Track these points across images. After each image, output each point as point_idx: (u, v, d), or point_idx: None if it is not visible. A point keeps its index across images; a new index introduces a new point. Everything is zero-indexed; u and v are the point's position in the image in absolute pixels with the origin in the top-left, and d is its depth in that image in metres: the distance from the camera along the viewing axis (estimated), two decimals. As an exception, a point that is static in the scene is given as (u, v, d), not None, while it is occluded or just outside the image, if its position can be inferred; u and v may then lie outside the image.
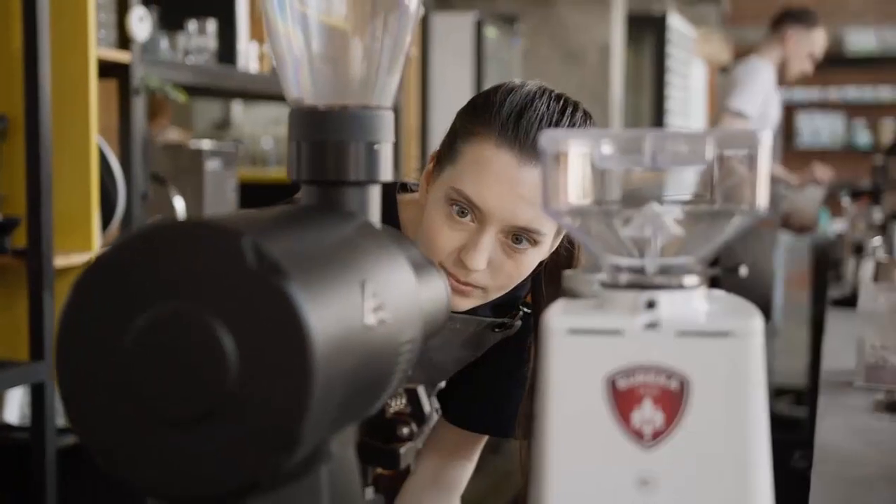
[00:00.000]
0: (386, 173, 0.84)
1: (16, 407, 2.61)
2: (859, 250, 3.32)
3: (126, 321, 0.63)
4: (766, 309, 4.52)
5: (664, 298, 0.71)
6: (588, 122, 1.32)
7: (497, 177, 1.24)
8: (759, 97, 4.33)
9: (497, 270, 1.28)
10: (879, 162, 4.22)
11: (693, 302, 0.71)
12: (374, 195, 0.84)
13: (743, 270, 0.73)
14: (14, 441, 2.55)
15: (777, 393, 5.57)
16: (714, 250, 0.73)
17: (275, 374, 0.61)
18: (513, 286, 1.31)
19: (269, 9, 0.84)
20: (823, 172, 4.76)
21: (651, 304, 0.70)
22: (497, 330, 1.44)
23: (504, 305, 1.44)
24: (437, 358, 1.46)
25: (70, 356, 0.65)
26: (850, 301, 2.89)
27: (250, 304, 0.62)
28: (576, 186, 0.73)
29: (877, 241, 3.21)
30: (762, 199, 0.70)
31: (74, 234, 2.51)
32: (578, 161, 0.73)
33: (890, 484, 1.33)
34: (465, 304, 1.31)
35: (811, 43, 4.44)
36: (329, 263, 0.69)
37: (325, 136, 0.82)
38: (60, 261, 2.44)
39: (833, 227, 9.10)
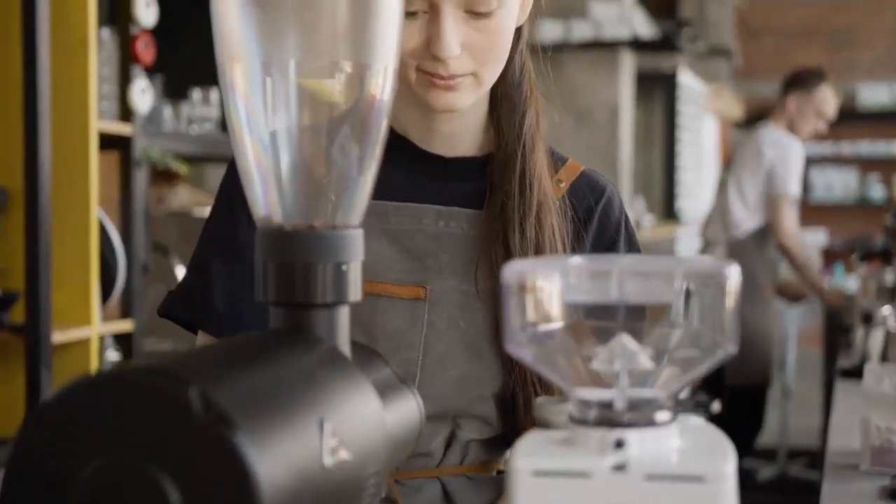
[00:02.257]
0: (355, 293, 0.82)
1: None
2: (868, 319, 3.28)
3: (70, 473, 0.61)
4: (765, 370, 4.47)
5: (634, 437, 0.68)
6: None
7: None
8: (800, 177, 4.43)
9: (475, 49, 1.16)
10: (890, 223, 4.19)
11: (664, 440, 0.69)
12: (343, 316, 0.82)
13: (715, 406, 0.70)
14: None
15: (790, 455, 5.50)
16: (686, 385, 0.71)
17: (220, 532, 0.59)
18: (503, 59, 1.20)
19: (235, 125, 0.82)
20: (835, 297, 4.84)
21: (620, 444, 0.68)
22: None
23: None
24: None
25: (13, 510, 0.62)
26: (859, 371, 2.85)
27: (197, 456, 0.60)
28: (540, 318, 0.71)
29: (886, 310, 3.17)
30: (730, 336, 0.68)
31: (74, 308, 2.50)
32: (543, 292, 0.70)
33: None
34: (461, 98, 1.19)
35: (816, 103, 4.45)
36: (285, 405, 0.67)
37: (293, 258, 0.80)
38: (59, 336, 2.43)
39: (847, 283, 9.06)
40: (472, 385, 1.22)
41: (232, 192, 1.26)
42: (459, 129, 1.27)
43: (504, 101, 1.27)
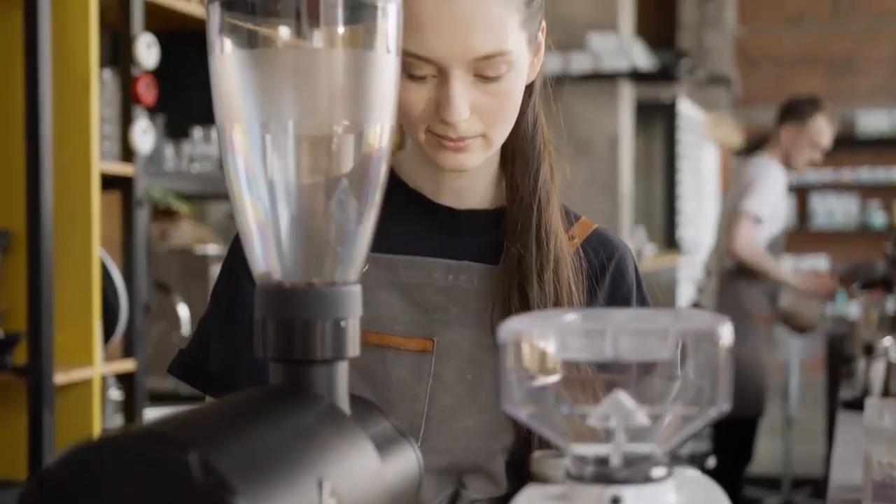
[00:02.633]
0: (354, 349, 0.83)
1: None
2: (870, 350, 3.28)
3: (70, 538, 0.62)
4: (758, 402, 4.47)
5: (630, 494, 0.69)
6: None
7: (432, 20, 1.12)
8: (771, 199, 4.37)
9: (485, 112, 1.16)
10: (890, 251, 4.20)
11: (660, 496, 0.69)
12: (342, 371, 0.83)
13: (710, 462, 0.71)
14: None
15: (795, 485, 5.48)
16: (682, 440, 0.72)
17: None
18: (512, 119, 1.20)
19: (234, 183, 0.83)
20: (828, 285, 4.77)
21: (616, 501, 0.69)
22: None
23: None
24: None
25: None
26: (860, 403, 2.85)
27: (197, 521, 0.61)
28: (536, 376, 0.72)
29: (887, 341, 3.17)
30: (723, 394, 0.69)
31: (76, 349, 2.50)
32: (538, 350, 0.71)
33: None
34: (471, 158, 1.19)
35: (810, 134, 4.46)
36: (284, 466, 0.68)
37: (292, 315, 0.81)
38: (61, 377, 2.43)
39: (849, 309, 9.05)
40: (479, 438, 1.21)
41: (234, 257, 1.27)
42: (470, 184, 1.28)
43: (518, 156, 1.27)
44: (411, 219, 1.27)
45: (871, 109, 10.02)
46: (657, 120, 7.36)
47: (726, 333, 0.69)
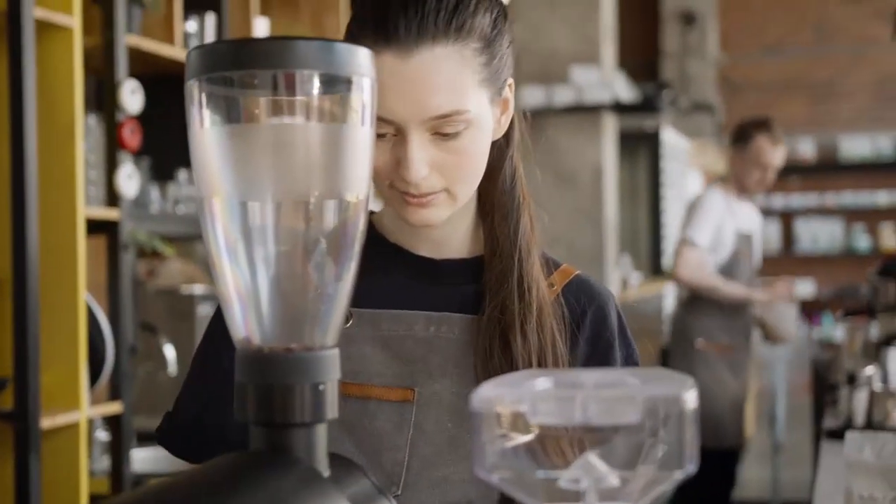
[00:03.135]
0: (332, 411, 0.85)
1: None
2: (852, 380, 3.31)
3: None
4: (735, 433, 4.45)
5: (601, 555, 0.71)
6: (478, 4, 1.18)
7: (389, 82, 1.14)
8: (710, 225, 4.36)
9: (444, 167, 1.17)
10: (873, 279, 4.23)
11: (631, 558, 0.72)
12: (321, 434, 0.85)
13: None
14: None
15: (783, 511, 5.50)
16: (652, 499, 0.74)
17: None
18: (477, 175, 1.21)
19: (214, 253, 0.86)
20: (785, 288, 4.73)
21: (588, 562, 0.71)
22: None
23: None
24: None
25: None
26: (844, 433, 2.87)
27: None
28: (507, 441, 0.74)
29: (869, 370, 3.20)
30: (690, 456, 0.71)
31: (62, 393, 2.51)
32: (510, 416, 0.73)
33: None
34: (436, 213, 1.21)
35: (753, 154, 4.46)
36: (263, 535, 0.70)
37: (271, 380, 0.83)
38: (48, 422, 2.44)
39: (835, 332, 9.07)
40: (458, 486, 1.23)
41: (216, 325, 1.29)
42: (448, 234, 1.29)
43: (497, 208, 1.28)
44: (393, 272, 1.29)
45: (853, 134, 10.10)
46: (641, 149, 7.41)
47: (691, 398, 0.71)
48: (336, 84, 0.83)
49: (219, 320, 1.29)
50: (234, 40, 0.84)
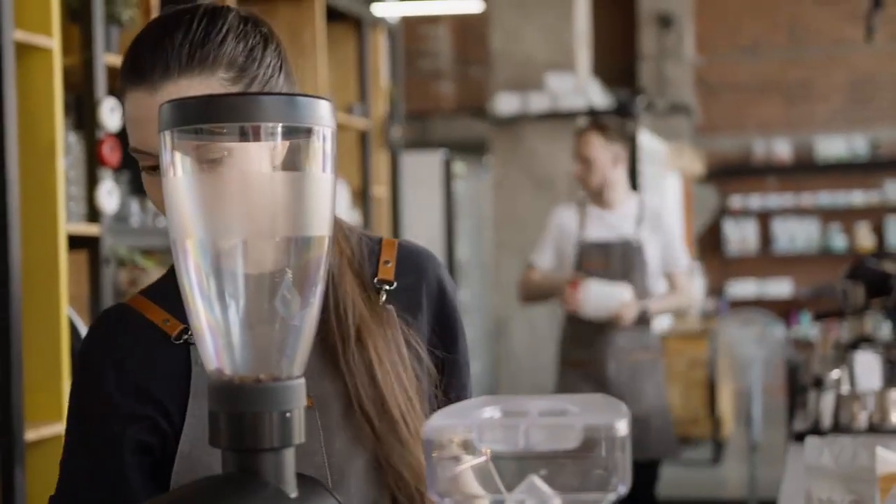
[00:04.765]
0: (299, 436, 0.91)
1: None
2: (819, 383, 3.37)
3: None
4: (660, 444, 4.22)
5: (543, 571, 0.77)
6: (219, 25, 1.23)
7: (140, 117, 1.21)
8: (548, 246, 4.23)
9: None
10: (843, 284, 4.30)
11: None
12: (289, 458, 0.91)
13: None
14: None
15: (760, 510, 5.59)
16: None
17: None
18: None
19: (187, 289, 0.92)
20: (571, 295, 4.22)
21: (531, 578, 0.77)
22: None
23: None
24: None
25: None
26: (809, 435, 2.94)
27: None
28: (457, 467, 0.80)
29: (835, 373, 3.26)
30: (623, 480, 0.78)
31: (46, 406, 2.56)
32: (459, 444, 0.80)
33: None
34: None
35: (576, 147, 4.24)
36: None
37: (242, 408, 0.90)
38: (31, 435, 2.49)
39: (811, 331, 9.15)
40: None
41: (88, 391, 1.28)
42: None
43: None
44: None
45: (828, 135, 10.22)
46: (618, 153, 7.48)
47: (622, 426, 0.78)
48: (298, 134, 0.90)
49: (90, 378, 1.28)
50: (203, 97, 0.90)
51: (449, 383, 1.36)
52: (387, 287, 1.32)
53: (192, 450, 1.24)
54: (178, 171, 0.90)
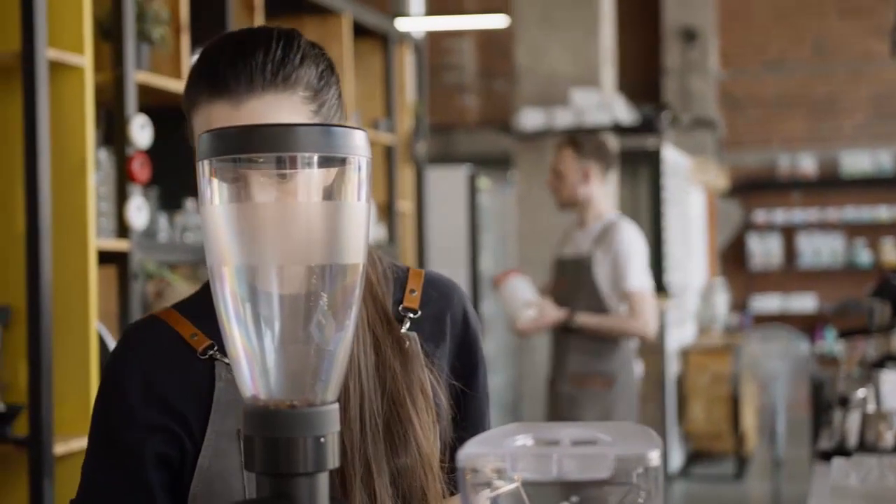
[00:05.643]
0: (333, 461, 0.93)
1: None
2: (845, 402, 3.36)
3: None
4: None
5: None
6: (295, 48, 1.25)
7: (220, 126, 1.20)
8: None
9: None
10: (870, 302, 4.28)
11: None
12: (323, 482, 0.92)
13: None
14: None
15: (784, 527, 5.57)
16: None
17: None
18: None
19: (224, 317, 0.93)
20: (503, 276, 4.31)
21: None
22: None
23: None
24: None
25: None
26: (835, 454, 2.93)
27: None
28: (491, 494, 0.82)
29: (861, 392, 3.25)
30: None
31: (75, 420, 2.59)
32: (492, 473, 0.81)
33: None
34: None
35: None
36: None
37: (277, 433, 0.91)
38: (61, 448, 2.52)
39: (836, 347, 9.10)
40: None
41: (111, 400, 1.29)
42: None
43: None
44: None
45: (853, 150, 10.17)
46: (642, 167, 7.48)
47: (655, 457, 0.79)
48: (333, 163, 0.91)
49: (115, 387, 1.29)
50: (242, 127, 0.92)
51: (467, 412, 1.37)
52: (411, 315, 1.34)
53: (211, 465, 1.25)
54: (216, 199, 0.91)
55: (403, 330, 1.33)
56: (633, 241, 4.10)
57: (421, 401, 1.29)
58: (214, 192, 0.91)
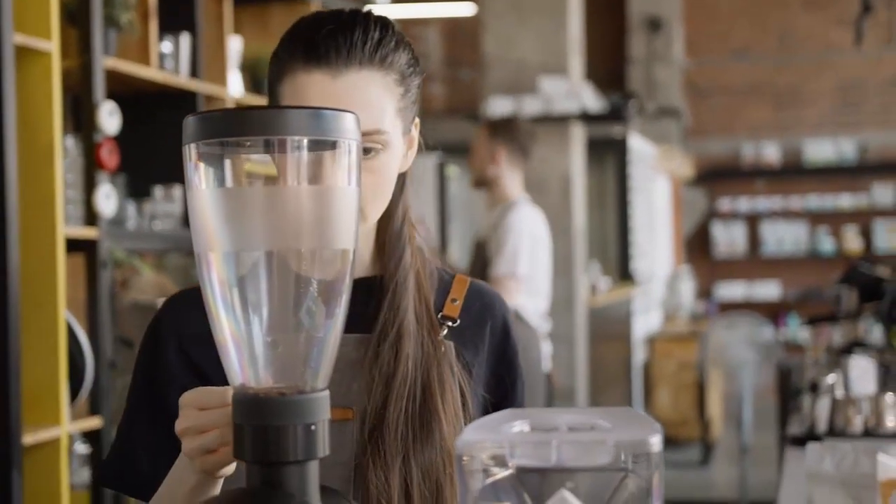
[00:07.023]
0: (324, 448, 0.91)
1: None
2: (815, 388, 3.38)
3: None
4: None
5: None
6: (389, 33, 1.27)
7: (316, 97, 1.22)
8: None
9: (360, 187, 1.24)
10: (837, 290, 4.31)
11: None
12: (313, 470, 0.91)
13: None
14: None
15: (751, 511, 5.60)
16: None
17: None
18: (385, 198, 1.28)
19: (212, 305, 0.92)
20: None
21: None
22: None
23: None
24: None
25: None
26: (807, 439, 2.94)
27: None
28: (488, 479, 0.81)
29: (831, 378, 3.27)
30: (657, 496, 0.78)
31: (43, 409, 2.56)
32: (491, 459, 0.80)
33: None
34: None
35: None
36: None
37: (266, 422, 0.89)
38: (29, 438, 2.48)
39: (801, 334, 9.17)
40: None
41: (147, 354, 1.31)
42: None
43: (388, 243, 1.34)
44: None
45: (817, 139, 10.24)
46: (609, 155, 7.50)
47: (655, 442, 0.78)
48: (323, 147, 0.90)
49: (150, 349, 1.30)
50: (228, 110, 0.90)
51: None
52: (449, 323, 1.34)
53: None
54: (202, 183, 0.89)
55: (440, 337, 1.33)
56: (517, 225, 4.04)
57: (449, 399, 1.29)
58: (200, 175, 0.89)
